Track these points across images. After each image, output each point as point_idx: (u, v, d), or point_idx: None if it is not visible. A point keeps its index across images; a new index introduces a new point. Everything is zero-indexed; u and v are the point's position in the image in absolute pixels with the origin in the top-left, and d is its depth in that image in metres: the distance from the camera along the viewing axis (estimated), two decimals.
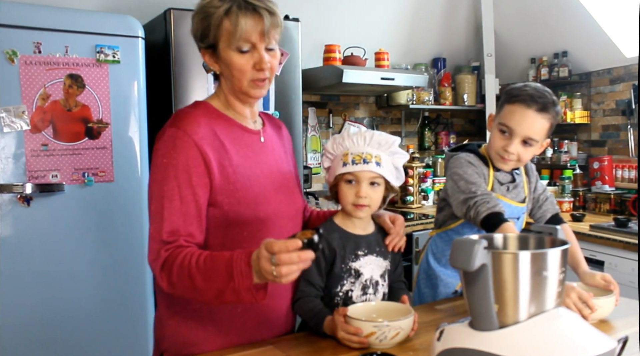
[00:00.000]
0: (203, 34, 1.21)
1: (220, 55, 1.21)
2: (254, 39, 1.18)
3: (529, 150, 1.49)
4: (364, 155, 1.32)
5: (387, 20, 3.65)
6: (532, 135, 1.46)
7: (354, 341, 1.16)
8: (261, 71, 1.21)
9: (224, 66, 1.22)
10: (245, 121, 1.31)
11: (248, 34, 1.17)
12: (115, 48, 2.26)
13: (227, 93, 1.28)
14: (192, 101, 2.58)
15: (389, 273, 1.40)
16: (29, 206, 2.12)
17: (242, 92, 1.25)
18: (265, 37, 1.19)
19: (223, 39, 1.19)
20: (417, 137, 4.08)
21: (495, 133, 1.51)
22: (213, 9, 1.18)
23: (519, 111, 1.45)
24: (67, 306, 2.19)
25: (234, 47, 1.19)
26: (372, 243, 1.38)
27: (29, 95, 2.10)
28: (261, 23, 1.18)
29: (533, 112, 1.44)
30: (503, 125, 1.48)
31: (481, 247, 0.88)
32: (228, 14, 1.17)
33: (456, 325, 0.97)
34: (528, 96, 1.45)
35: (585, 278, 1.45)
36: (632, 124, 3.26)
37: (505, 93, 1.52)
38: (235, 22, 1.16)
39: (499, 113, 1.52)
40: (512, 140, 1.47)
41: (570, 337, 0.88)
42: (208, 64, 1.26)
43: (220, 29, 1.18)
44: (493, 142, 1.52)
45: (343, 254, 1.33)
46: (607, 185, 3.35)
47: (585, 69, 3.54)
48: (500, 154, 1.51)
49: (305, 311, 1.29)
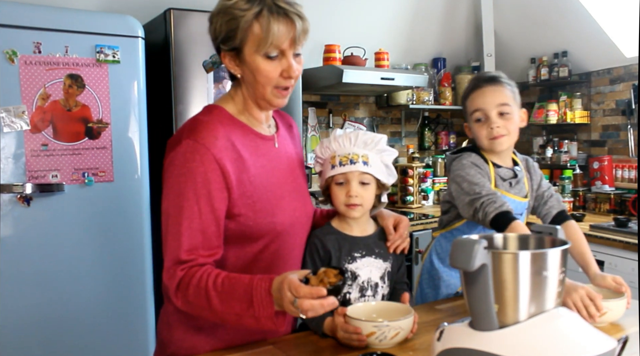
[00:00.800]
0: (227, 36, 1.15)
1: (245, 60, 1.16)
2: (284, 46, 1.14)
3: (510, 120, 1.53)
4: (350, 156, 1.33)
5: (387, 20, 3.65)
6: (500, 101, 1.52)
7: (354, 340, 1.16)
8: (288, 78, 1.18)
9: (248, 71, 1.17)
10: (259, 126, 1.28)
11: (280, 40, 1.12)
12: (115, 48, 2.26)
13: (245, 97, 1.24)
14: (192, 101, 2.58)
15: (389, 275, 1.39)
16: (29, 206, 2.12)
17: (264, 100, 1.21)
18: (295, 43, 1.15)
19: (250, 43, 1.14)
20: (417, 137, 4.08)
21: (475, 126, 1.57)
22: (240, 12, 1.12)
23: (476, 93, 1.54)
24: (67, 306, 2.19)
25: (262, 53, 1.14)
26: (371, 245, 1.38)
27: (29, 95, 2.10)
28: (293, 29, 1.14)
29: (488, 86, 1.53)
30: (474, 111, 1.55)
31: (481, 247, 0.88)
32: (258, 17, 1.12)
33: (456, 325, 0.97)
34: (474, 80, 1.58)
35: (596, 279, 1.44)
36: (632, 124, 3.26)
37: (461, 98, 1.64)
38: (267, 27, 1.11)
39: (466, 112, 1.60)
40: (489, 117, 1.52)
41: (570, 337, 0.88)
42: (228, 68, 1.21)
43: (249, 33, 1.13)
44: (479, 136, 1.56)
45: (338, 255, 1.34)
46: (607, 185, 3.35)
47: (585, 69, 3.54)
48: (489, 136, 1.54)
49: None
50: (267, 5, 1.12)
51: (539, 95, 3.92)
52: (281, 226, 1.23)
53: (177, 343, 1.24)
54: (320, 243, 1.35)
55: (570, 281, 1.31)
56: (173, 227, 1.11)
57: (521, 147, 4.09)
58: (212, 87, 2.55)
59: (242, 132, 1.22)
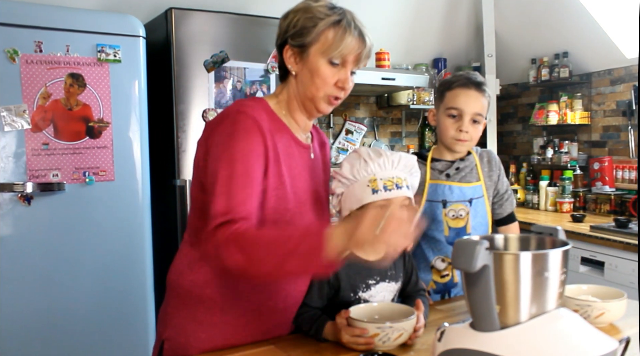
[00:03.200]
0: (300, 31, 1.20)
1: (309, 59, 1.21)
2: (349, 58, 1.21)
3: (477, 128, 1.62)
4: (394, 179, 1.25)
5: (387, 20, 3.65)
6: (478, 111, 1.59)
7: (360, 343, 1.14)
8: (341, 89, 1.23)
9: (306, 69, 1.22)
10: (298, 131, 1.30)
11: (348, 50, 1.19)
12: (116, 47, 2.26)
13: (292, 96, 1.27)
14: (193, 101, 2.58)
15: (399, 292, 1.36)
16: (30, 205, 2.12)
17: (313, 102, 1.24)
18: (358, 62, 1.23)
19: (320, 45, 1.19)
20: (418, 138, 4.08)
21: (445, 120, 1.61)
22: (323, 14, 1.19)
23: (462, 92, 1.59)
24: (67, 305, 2.19)
25: (327, 57, 1.20)
26: (386, 268, 1.31)
27: (30, 94, 2.10)
28: (362, 47, 1.21)
29: (474, 91, 1.59)
30: (451, 108, 1.59)
31: (483, 248, 0.88)
32: (336, 25, 1.19)
33: (457, 325, 0.97)
34: (465, 78, 1.61)
35: None
36: (632, 125, 3.26)
37: (441, 84, 1.67)
38: (342, 35, 1.18)
39: (442, 102, 1.63)
40: (463, 120, 1.59)
41: (571, 338, 0.88)
42: (287, 63, 1.24)
43: (322, 35, 1.19)
44: (445, 130, 1.62)
45: (354, 283, 1.28)
46: (608, 186, 3.35)
47: (586, 69, 3.53)
48: (455, 137, 1.60)
49: (305, 319, 1.26)
50: (347, 19, 1.20)
51: (539, 95, 3.92)
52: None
53: (174, 329, 1.25)
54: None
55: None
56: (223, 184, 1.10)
57: (521, 148, 4.10)
58: (213, 87, 2.55)
59: (280, 130, 1.24)
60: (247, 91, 2.63)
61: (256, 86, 2.65)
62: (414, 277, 1.39)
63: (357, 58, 1.22)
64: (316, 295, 1.28)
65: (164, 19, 2.52)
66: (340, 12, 1.21)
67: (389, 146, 3.94)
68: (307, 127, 1.33)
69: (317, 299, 1.28)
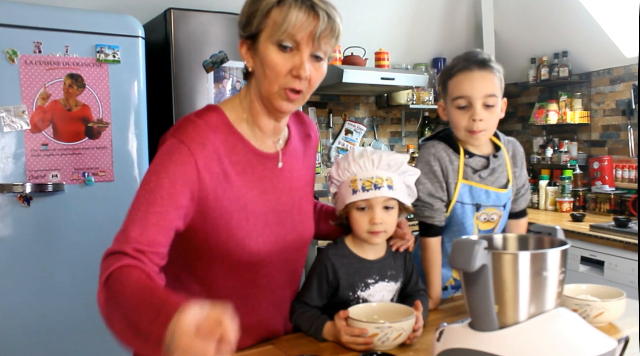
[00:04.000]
0: (247, 20, 1.07)
1: (259, 49, 1.06)
2: (299, 37, 1.03)
3: (493, 112, 1.43)
4: (374, 180, 1.23)
5: (387, 20, 3.65)
6: (489, 91, 1.40)
7: (360, 343, 1.14)
8: (297, 78, 1.05)
9: (259, 61, 1.07)
10: (262, 140, 1.16)
11: (295, 29, 1.02)
12: (115, 48, 2.26)
13: (254, 98, 1.13)
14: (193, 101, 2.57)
15: (398, 292, 1.36)
16: (29, 205, 2.12)
17: (269, 100, 1.09)
18: (314, 40, 1.04)
19: (267, 29, 1.04)
20: (417, 137, 4.08)
21: (455, 112, 1.44)
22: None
23: (464, 77, 1.41)
24: (66, 306, 2.19)
25: (274, 40, 1.04)
26: (385, 268, 1.31)
27: (29, 95, 2.10)
28: (315, 22, 1.03)
29: (477, 71, 1.41)
30: (458, 98, 1.42)
31: (481, 247, 0.88)
32: (280, 3, 1.03)
33: (456, 325, 0.97)
34: (464, 60, 1.43)
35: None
36: (632, 124, 3.26)
37: (442, 74, 1.50)
38: (286, 12, 1.02)
39: (447, 93, 1.46)
40: (474, 107, 1.41)
41: (570, 337, 0.88)
42: (243, 59, 1.11)
43: (267, 18, 1.04)
44: (457, 123, 1.45)
45: (352, 282, 1.28)
46: (607, 185, 3.35)
47: (586, 69, 3.53)
48: (468, 129, 1.43)
49: (304, 319, 1.26)
50: None
51: (539, 95, 3.92)
52: (257, 255, 1.13)
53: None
54: (331, 266, 1.27)
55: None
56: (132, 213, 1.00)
57: None
58: (212, 87, 2.55)
59: (237, 146, 1.11)
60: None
61: None
62: (414, 277, 1.39)
63: (311, 36, 1.03)
64: (315, 294, 1.28)
65: (163, 19, 2.52)
66: None
67: (389, 145, 3.94)
68: (277, 131, 1.18)
69: (317, 298, 1.28)
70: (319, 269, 1.29)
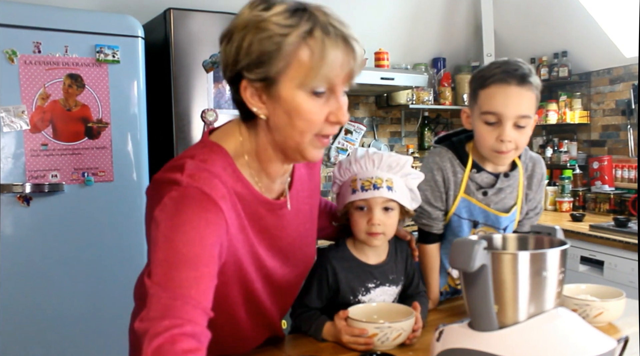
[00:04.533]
0: (258, 61, 0.85)
1: (280, 96, 0.87)
2: (337, 81, 0.87)
3: (524, 133, 1.31)
4: (373, 180, 1.22)
5: (387, 20, 3.65)
6: (523, 112, 1.27)
7: (360, 343, 1.14)
8: (336, 124, 0.91)
9: (281, 111, 0.88)
10: (268, 186, 1.01)
11: (335, 71, 0.86)
12: (115, 48, 2.26)
13: (265, 144, 0.95)
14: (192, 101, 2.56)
15: (398, 295, 1.35)
16: (29, 206, 2.12)
17: (298, 151, 0.92)
18: (350, 79, 0.90)
19: (293, 73, 0.85)
20: (417, 137, 4.08)
21: (481, 127, 1.30)
22: (282, 28, 0.84)
23: (499, 92, 1.27)
24: (66, 306, 2.19)
25: (308, 88, 0.86)
26: (386, 272, 1.30)
27: (29, 95, 2.10)
28: (352, 59, 0.87)
29: (515, 87, 1.26)
30: (487, 113, 1.28)
31: (481, 248, 0.88)
32: (307, 39, 0.84)
33: (455, 325, 0.97)
34: (502, 72, 1.27)
35: None
36: (631, 124, 3.26)
37: (474, 79, 1.34)
38: (322, 51, 0.83)
39: (476, 103, 1.32)
40: (503, 126, 1.27)
41: (570, 337, 0.88)
42: (248, 103, 0.90)
43: (293, 60, 0.84)
44: (482, 139, 1.32)
45: (353, 286, 1.27)
46: (607, 185, 3.35)
47: (585, 69, 3.53)
48: (496, 149, 1.30)
49: (304, 318, 1.26)
50: (320, 24, 0.84)
51: None
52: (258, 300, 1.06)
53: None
54: (332, 270, 1.27)
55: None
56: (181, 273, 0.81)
57: None
58: (212, 87, 2.55)
59: (245, 194, 0.96)
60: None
61: None
62: (415, 280, 1.38)
63: (348, 76, 0.89)
64: (315, 296, 1.28)
65: (162, 19, 2.52)
66: (307, 15, 0.85)
67: (388, 145, 3.94)
68: (286, 171, 1.03)
69: (316, 300, 1.28)
70: (319, 272, 1.28)
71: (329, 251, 1.31)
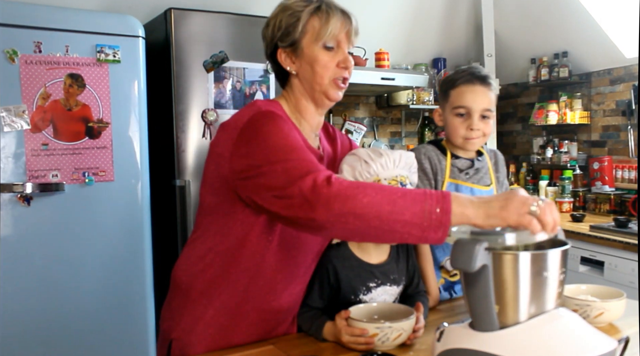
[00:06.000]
0: (286, 31, 1.22)
1: (304, 52, 1.22)
2: (340, 37, 1.22)
3: (488, 123, 1.58)
4: (398, 178, 1.24)
5: (387, 20, 3.65)
6: (487, 106, 1.55)
7: (361, 343, 1.14)
8: (345, 69, 1.23)
9: (305, 63, 1.22)
10: (309, 134, 1.29)
11: (337, 30, 1.20)
12: (115, 48, 2.26)
13: (300, 96, 1.27)
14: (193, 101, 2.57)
15: (399, 294, 1.35)
16: (29, 205, 2.12)
17: (322, 92, 1.24)
18: (350, 38, 1.24)
19: (309, 35, 1.20)
20: (417, 138, 4.08)
21: (453, 120, 1.57)
22: (301, 6, 1.21)
23: (467, 89, 1.55)
24: (67, 306, 2.19)
25: (320, 44, 1.21)
26: (387, 272, 1.30)
27: (30, 94, 2.10)
28: (349, 24, 1.23)
29: (479, 86, 1.54)
30: (458, 108, 1.55)
31: (482, 248, 0.88)
32: (317, 12, 1.20)
33: (456, 325, 0.97)
34: (468, 74, 1.56)
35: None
36: (632, 124, 3.26)
37: (444, 83, 1.62)
38: (326, 19, 1.20)
39: (447, 101, 1.59)
40: (472, 118, 1.54)
41: (570, 338, 0.88)
42: (283, 65, 1.25)
43: (308, 25, 1.20)
44: (454, 130, 1.58)
45: (354, 285, 1.27)
46: (607, 185, 3.35)
47: (586, 69, 3.53)
48: (465, 137, 1.57)
49: (305, 318, 1.27)
50: (325, 3, 1.22)
51: (539, 95, 3.92)
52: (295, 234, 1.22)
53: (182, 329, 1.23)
54: (332, 269, 1.27)
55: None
56: (286, 151, 1.08)
57: (521, 148, 4.10)
58: (213, 87, 2.55)
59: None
60: (247, 91, 2.63)
61: (255, 86, 2.65)
62: (415, 279, 1.38)
63: (348, 35, 1.23)
64: (317, 296, 1.28)
65: (163, 19, 2.52)
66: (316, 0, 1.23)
67: (389, 146, 3.94)
68: (318, 125, 1.33)
69: (318, 299, 1.29)
70: (320, 272, 1.28)
71: (330, 250, 1.31)
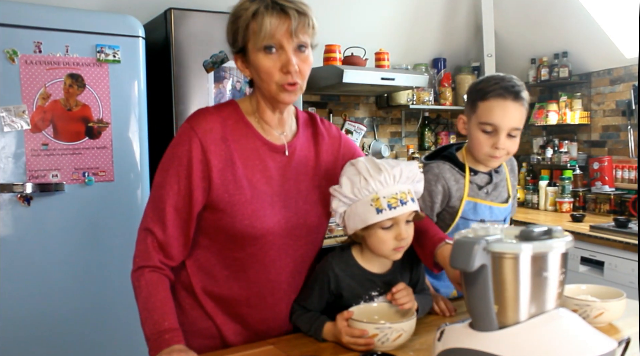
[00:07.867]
0: (234, 37, 1.21)
1: (250, 58, 1.19)
2: (279, 37, 1.14)
3: (515, 141, 1.46)
4: (398, 195, 1.19)
5: (387, 20, 3.65)
6: (516, 125, 1.44)
7: (360, 344, 1.14)
8: (288, 74, 1.16)
9: (253, 69, 1.20)
10: (269, 132, 1.26)
11: (272, 32, 1.14)
12: (115, 48, 2.26)
13: (259, 99, 1.25)
14: (193, 101, 2.58)
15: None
16: (29, 205, 2.12)
17: (272, 97, 1.20)
18: (292, 36, 1.15)
19: (251, 40, 1.17)
20: (417, 138, 4.08)
21: (478, 135, 1.46)
22: (242, 11, 1.18)
23: (497, 105, 1.42)
24: (67, 306, 2.19)
25: (260, 47, 1.15)
26: (390, 281, 1.27)
27: (30, 94, 2.10)
28: (288, 22, 1.14)
29: (511, 102, 1.42)
30: (485, 124, 1.44)
31: (480, 247, 0.88)
32: (255, 15, 1.15)
33: (456, 325, 0.97)
34: (501, 88, 1.43)
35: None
36: (632, 124, 3.26)
37: (473, 91, 1.49)
38: (261, 21, 1.14)
39: (475, 113, 1.47)
40: (498, 136, 1.43)
41: (570, 338, 0.88)
42: (241, 71, 1.24)
43: (248, 31, 1.17)
44: (478, 145, 1.47)
45: (357, 294, 1.26)
46: (607, 185, 3.35)
47: (586, 69, 3.54)
48: (490, 154, 1.46)
49: (304, 320, 1.26)
50: (264, 3, 1.15)
51: (539, 95, 3.92)
52: (260, 232, 1.20)
53: (190, 324, 1.28)
54: (334, 276, 1.25)
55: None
56: (155, 201, 1.24)
57: (521, 148, 4.08)
58: (213, 87, 2.55)
59: (247, 134, 1.24)
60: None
61: None
62: (419, 286, 1.36)
63: (288, 33, 1.15)
64: (316, 301, 1.27)
65: (163, 19, 2.52)
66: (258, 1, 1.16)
67: (389, 146, 3.94)
68: (282, 123, 1.28)
69: (317, 304, 1.28)
70: (321, 278, 1.27)
71: (333, 257, 1.28)
